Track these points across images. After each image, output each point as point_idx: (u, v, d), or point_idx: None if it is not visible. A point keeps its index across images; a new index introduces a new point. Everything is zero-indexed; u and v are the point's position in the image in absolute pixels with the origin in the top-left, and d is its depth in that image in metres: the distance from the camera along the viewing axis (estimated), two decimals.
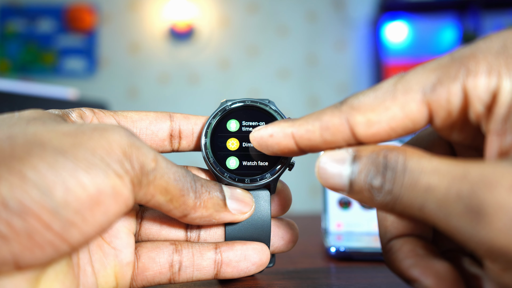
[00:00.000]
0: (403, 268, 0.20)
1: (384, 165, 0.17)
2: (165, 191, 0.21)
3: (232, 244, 0.25)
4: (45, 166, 0.17)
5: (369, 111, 0.19)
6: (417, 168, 0.16)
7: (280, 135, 0.21)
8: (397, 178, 0.17)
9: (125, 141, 0.19)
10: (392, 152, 0.17)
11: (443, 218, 0.15)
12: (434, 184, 0.16)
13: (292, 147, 0.21)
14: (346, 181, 0.18)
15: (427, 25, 2.41)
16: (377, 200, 0.17)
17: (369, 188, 0.18)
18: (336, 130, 0.19)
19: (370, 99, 0.19)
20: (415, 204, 0.16)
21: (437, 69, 0.18)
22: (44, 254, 0.17)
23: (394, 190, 0.17)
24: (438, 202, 0.15)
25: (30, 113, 0.21)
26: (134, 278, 0.24)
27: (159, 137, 0.26)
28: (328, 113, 0.20)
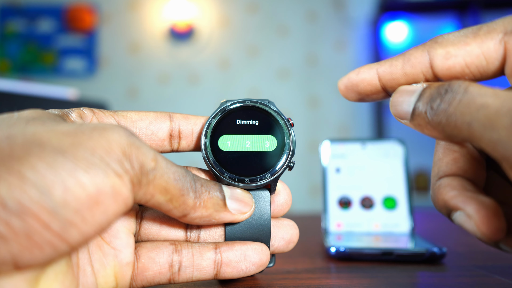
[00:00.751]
0: (447, 198, 0.20)
1: (445, 90, 0.19)
2: (164, 190, 0.21)
3: (232, 244, 0.25)
4: (44, 166, 0.17)
5: (450, 45, 0.20)
6: (478, 91, 0.17)
7: (365, 73, 0.23)
8: (455, 98, 0.18)
9: (124, 140, 0.19)
10: (457, 81, 0.19)
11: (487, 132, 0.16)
12: (489, 103, 0.17)
13: (376, 84, 0.22)
14: (411, 107, 0.20)
15: (427, 25, 2.41)
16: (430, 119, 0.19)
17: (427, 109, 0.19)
18: (416, 62, 0.21)
19: (453, 36, 0.20)
20: (465, 121, 0.17)
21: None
22: (43, 254, 0.17)
23: (449, 109, 0.18)
24: (488, 117, 0.16)
25: (29, 113, 0.21)
26: (133, 278, 0.24)
27: (158, 137, 0.26)
28: (413, 48, 0.22)
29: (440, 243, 0.42)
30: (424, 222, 0.63)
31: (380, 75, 0.22)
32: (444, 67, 0.20)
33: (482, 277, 0.31)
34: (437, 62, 0.21)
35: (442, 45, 0.21)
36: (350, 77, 0.23)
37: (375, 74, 0.22)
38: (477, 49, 0.20)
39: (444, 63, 0.20)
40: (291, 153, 0.26)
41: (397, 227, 0.47)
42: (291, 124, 0.27)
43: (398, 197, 0.48)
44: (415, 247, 0.38)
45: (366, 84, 0.23)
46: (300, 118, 2.36)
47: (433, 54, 0.21)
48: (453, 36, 0.21)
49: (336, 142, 0.51)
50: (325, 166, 0.50)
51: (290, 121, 0.27)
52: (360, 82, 0.23)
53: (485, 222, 0.19)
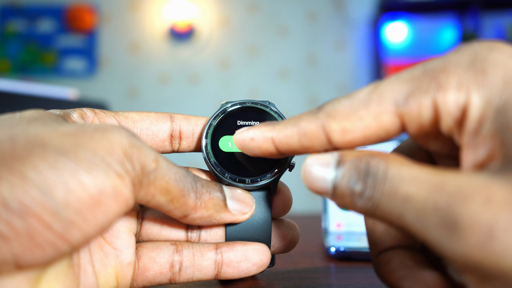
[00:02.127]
0: (394, 280, 0.20)
1: (365, 171, 0.17)
2: (165, 191, 0.21)
3: (232, 245, 0.25)
4: (46, 166, 0.17)
5: (343, 120, 0.19)
6: (397, 176, 0.16)
7: (260, 139, 0.21)
8: (377, 185, 0.17)
9: (126, 141, 0.19)
10: (374, 159, 0.17)
11: (420, 229, 0.15)
12: (412, 194, 0.16)
13: (272, 150, 0.21)
14: (329, 185, 0.19)
15: (427, 25, 2.41)
16: (358, 205, 0.18)
17: (350, 193, 0.18)
18: (313, 136, 0.20)
19: (345, 107, 0.19)
20: (394, 213, 0.16)
21: (410, 81, 0.18)
22: (45, 254, 0.17)
23: (374, 197, 0.17)
24: (416, 212, 0.15)
25: (31, 113, 0.21)
26: (134, 278, 0.24)
27: (159, 138, 0.26)
28: (305, 119, 0.20)
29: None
30: None
31: (277, 145, 0.21)
32: (343, 142, 0.19)
33: None
34: (335, 138, 0.19)
35: (335, 119, 0.19)
36: (245, 141, 0.22)
37: (270, 143, 0.21)
38: (373, 123, 0.18)
39: (343, 139, 0.19)
40: None
41: None
42: None
43: None
44: None
45: (263, 150, 0.21)
46: None
47: (328, 129, 0.19)
48: (343, 107, 0.19)
49: None
50: None
51: None
52: (256, 148, 0.22)
53: None
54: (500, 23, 2.36)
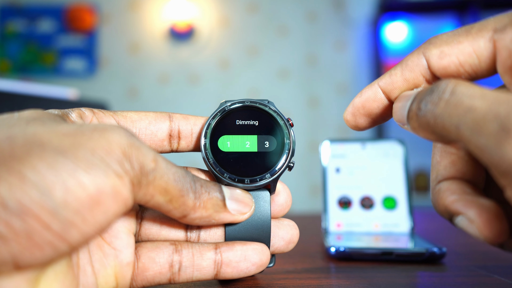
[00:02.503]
0: (447, 202, 0.20)
1: (433, 88, 0.19)
2: (164, 191, 0.21)
3: (232, 245, 0.25)
4: (45, 166, 0.17)
5: (443, 44, 0.20)
6: (466, 92, 0.17)
7: (368, 91, 0.23)
8: (442, 98, 0.18)
9: (124, 141, 0.19)
10: (445, 80, 0.19)
11: (474, 137, 0.16)
12: (476, 105, 0.16)
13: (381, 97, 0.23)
14: (406, 111, 0.20)
15: (427, 25, 2.41)
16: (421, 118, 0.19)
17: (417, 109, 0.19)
18: (414, 65, 0.21)
19: (447, 35, 0.21)
20: (453, 123, 0.17)
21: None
22: (43, 254, 0.17)
23: (435, 110, 0.18)
24: (475, 121, 0.16)
25: (29, 113, 0.21)
26: (134, 278, 0.24)
27: (158, 137, 0.26)
28: (409, 54, 0.22)
29: (440, 243, 0.42)
30: (424, 222, 0.63)
31: (382, 87, 0.22)
32: (440, 66, 0.21)
33: (482, 277, 0.31)
34: (433, 62, 0.21)
35: (436, 45, 0.21)
36: (354, 102, 0.23)
37: (377, 89, 0.22)
38: (468, 48, 0.20)
39: (439, 63, 0.21)
40: (290, 153, 0.26)
41: (397, 227, 0.47)
42: (290, 124, 0.27)
43: (398, 197, 0.48)
44: (415, 247, 0.38)
45: (372, 102, 0.23)
46: (300, 118, 2.36)
47: (428, 55, 0.21)
48: (446, 36, 0.21)
49: (336, 142, 0.51)
50: (325, 166, 0.50)
51: (290, 121, 0.27)
52: (365, 102, 0.23)
53: (487, 225, 0.18)
54: None
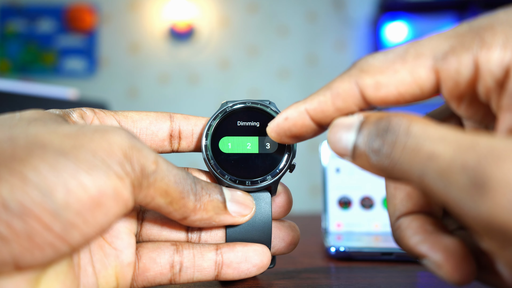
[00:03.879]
0: (411, 244, 0.19)
1: (385, 128, 0.17)
2: (165, 193, 0.21)
3: (233, 246, 0.25)
4: (46, 167, 0.17)
5: (378, 73, 0.18)
6: (422, 133, 0.16)
7: (294, 115, 0.21)
8: (398, 142, 0.16)
9: (126, 143, 0.19)
10: (397, 117, 0.17)
11: (442, 189, 0.15)
12: (438, 152, 0.15)
13: (309, 123, 0.21)
14: (350, 146, 0.18)
15: (427, 25, 2.41)
16: (375, 163, 0.17)
17: (368, 151, 0.17)
18: (346, 95, 0.19)
19: (379, 61, 0.18)
20: (414, 171, 0.16)
21: (452, 37, 0.17)
22: (44, 255, 0.17)
23: (393, 154, 0.16)
24: (440, 172, 0.15)
25: (31, 113, 0.21)
26: (134, 278, 0.24)
27: (159, 137, 0.26)
28: (338, 79, 0.19)
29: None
30: None
31: (311, 114, 0.20)
32: (377, 98, 0.19)
33: None
34: (369, 94, 0.19)
35: (370, 73, 0.18)
36: (279, 123, 0.21)
37: (305, 115, 0.20)
38: (408, 77, 0.18)
39: (377, 94, 0.18)
40: (292, 155, 0.26)
41: None
42: None
43: None
44: None
45: (300, 126, 0.21)
46: None
47: (362, 84, 0.19)
48: (378, 62, 0.19)
49: None
50: (325, 166, 0.50)
51: None
52: (292, 126, 0.21)
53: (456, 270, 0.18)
54: None
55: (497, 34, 0.16)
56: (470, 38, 0.17)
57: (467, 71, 0.17)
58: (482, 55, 0.16)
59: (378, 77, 0.18)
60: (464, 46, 0.17)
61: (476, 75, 0.17)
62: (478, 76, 0.17)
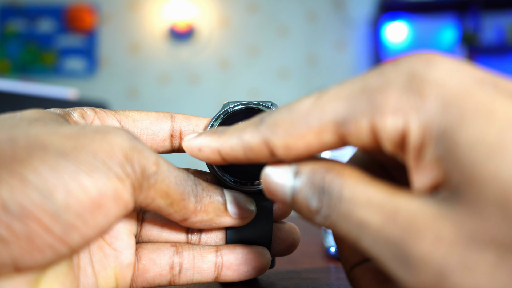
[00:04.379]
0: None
1: (321, 188, 0.17)
2: (165, 195, 0.21)
3: (233, 247, 0.25)
4: (47, 169, 0.17)
5: (285, 136, 0.18)
6: (352, 198, 0.16)
7: (207, 151, 0.21)
8: (332, 204, 0.16)
9: (126, 144, 0.19)
10: (329, 174, 0.17)
11: (377, 256, 0.15)
12: (367, 220, 0.15)
13: (220, 161, 0.21)
14: (289, 197, 0.18)
15: (427, 25, 2.41)
16: (317, 222, 0.17)
17: (308, 209, 0.17)
18: (258, 150, 0.19)
19: (285, 122, 0.18)
20: (351, 236, 0.16)
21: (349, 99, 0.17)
22: (44, 257, 0.17)
23: (331, 216, 0.16)
24: (372, 240, 0.15)
25: (32, 113, 0.21)
26: (134, 279, 0.24)
27: (160, 138, 0.26)
28: (248, 131, 0.19)
29: None
30: None
31: (223, 156, 0.20)
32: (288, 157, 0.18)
33: None
34: (279, 154, 0.18)
35: (278, 135, 0.18)
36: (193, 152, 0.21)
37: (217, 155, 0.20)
38: (315, 142, 0.17)
39: (288, 155, 0.18)
40: None
41: None
42: None
43: None
44: None
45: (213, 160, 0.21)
46: None
47: (272, 145, 0.18)
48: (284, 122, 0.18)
49: None
50: None
51: None
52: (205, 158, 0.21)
53: None
54: (500, 23, 2.36)
55: (388, 97, 0.16)
56: (365, 102, 0.16)
57: (367, 136, 0.16)
58: (377, 121, 0.16)
59: (286, 139, 0.18)
60: (360, 111, 0.16)
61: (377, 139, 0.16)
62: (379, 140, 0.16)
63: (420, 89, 0.15)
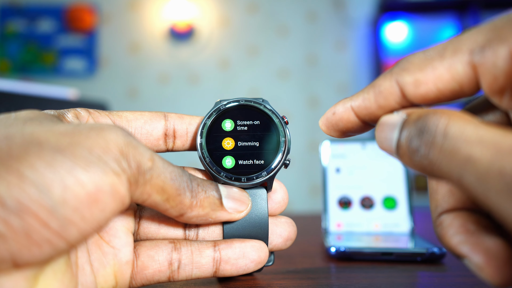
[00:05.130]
0: (452, 244, 0.19)
1: (422, 128, 0.17)
2: (161, 190, 0.21)
3: (230, 242, 0.25)
4: (43, 165, 0.17)
5: (417, 71, 0.18)
6: (460, 135, 0.15)
7: (341, 110, 0.21)
8: (435, 142, 0.16)
9: (122, 140, 0.19)
10: (435, 115, 0.17)
11: (482, 193, 0.14)
12: (476, 156, 0.14)
13: (354, 119, 0.21)
14: (394, 144, 0.18)
15: (427, 25, 2.41)
16: (415, 162, 0.17)
17: (408, 150, 0.17)
18: (388, 93, 0.19)
19: (419, 59, 0.19)
20: (453, 173, 0.15)
21: (490, 30, 0.17)
22: (42, 252, 0.17)
23: (430, 155, 0.16)
24: (478, 175, 0.14)
25: (26, 113, 0.21)
26: (133, 276, 0.24)
27: (153, 137, 0.26)
28: (380, 78, 0.20)
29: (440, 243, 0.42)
30: (424, 222, 0.63)
31: (356, 111, 0.21)
32: (417, 95, 0.19)
33: None
34: (409, 91, 0.19)
35: (409, 71, 0.19)
36: (328, 117, 0.22)
37: (350, 111, 0.21)
38: (446, 74, 0.18)
39: (416, 92, 0.19)
40: (286, 151, 0.27)
41: (397, 227, 0.47)
42: (285, 122, 0.27)
43: (398, 197, 0.48)
44: (415, 247, 0.38)
45: (346, 122, 0.21)
46: (300, 118, 2.36)
47: (402, 83, 0.19)
48: (418, 59, 0.19)
49: (336, 142, 0.51)
50: (325, 166, 0.50)
51: (285, 119, 0.27)
52: (339, 121, 0.21)
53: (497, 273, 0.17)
54: None
55: None
56: (507, 30, 0.16)
57: (504, 64, 0.16)
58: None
59: (417, 74, 0.18)
60: (500, 38, 0.16)
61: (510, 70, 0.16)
62: None
63: None
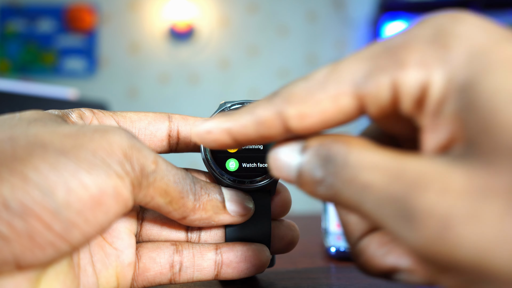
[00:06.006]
0: (377, 262, 0.19)
1: (326, 157, 0.16)
2: (164, 193, 0.21)
3: (232, 245, 0.25)
4: (47, 167, 0.17)
5: (300, 104, 0.17)
6: (357, 163, 0.15)
7: (217, 132, 0.19)
8: (337, 172, 0.16)
9: (125, 142, 0.19)
10: (336, 144, 0.16)
11: (379, 218, 0.14)
12: (371, 182, 0.14)
13: (230, 142, 0.20)
14: (294, 172, 0.17)
15: None
16: (320, 193, 0.17)
17: (312, 180, 0.17)
18: (270, 124, 0.18)
19: (301, 90, 0.17)
20: (353, 201, 0.15)
21: (369, 59, 0.16)
22: (45, 254, 0.17)
23: (335, 185, 0.16)
24: (375, 202, 0.14)
25: (31, 114, 0.21)
26: (135, 278, 0.24)
27: (157, 138, 0.26)
28: (261, 106, 0.18)
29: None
30: None
31: (234, 136, 0.19)
32: (302, 128, 0.18)
33: None
34: (293, 124, 0.18)
35: (292, 104, 0.17)
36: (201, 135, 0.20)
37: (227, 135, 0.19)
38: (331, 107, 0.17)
39: (301, 125, 0.17)
40: None
41: None
42: None
43: None
44: None
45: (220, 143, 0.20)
46: None
47: (285, 115, 0.17)
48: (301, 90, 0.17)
49: None
50: None
51: None
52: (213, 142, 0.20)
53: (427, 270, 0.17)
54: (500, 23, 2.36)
55: (412, 52, 0.15)
56: (387, 59, 0.16)
57: (387, 94, 0.16)
58: (399, 75, 0.15)
59: (301, 107, 0.17)
60: (381, 68, 0.16)
61: (396, 96, 0.16)
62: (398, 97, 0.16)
63: (446, 42, 0.15)
